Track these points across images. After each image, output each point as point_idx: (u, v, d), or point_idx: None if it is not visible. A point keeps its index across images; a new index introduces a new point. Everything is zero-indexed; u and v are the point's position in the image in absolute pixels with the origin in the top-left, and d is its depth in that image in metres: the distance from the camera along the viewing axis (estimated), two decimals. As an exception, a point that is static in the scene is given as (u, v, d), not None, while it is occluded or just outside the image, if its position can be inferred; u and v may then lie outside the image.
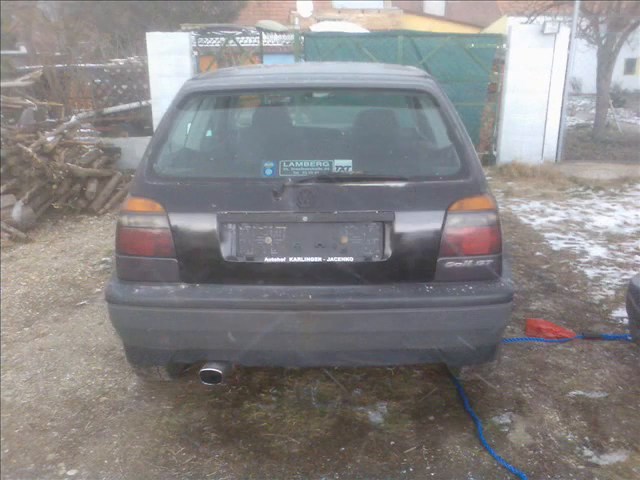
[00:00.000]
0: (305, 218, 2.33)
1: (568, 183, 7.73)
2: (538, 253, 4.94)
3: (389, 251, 2.34)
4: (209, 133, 3.29)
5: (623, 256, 4.83)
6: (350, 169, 2.45)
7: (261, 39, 10.06)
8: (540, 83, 8.30)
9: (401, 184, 2.37)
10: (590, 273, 4.44)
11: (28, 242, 5.43)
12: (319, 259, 2.35)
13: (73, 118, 8.00)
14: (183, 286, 2.39)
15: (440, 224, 2.33)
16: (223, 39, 9.38)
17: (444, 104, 2.55)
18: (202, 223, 2.37)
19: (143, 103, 10.27)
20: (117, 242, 2.45)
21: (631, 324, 2.97)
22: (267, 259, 2.36)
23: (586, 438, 2.52)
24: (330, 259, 2.35)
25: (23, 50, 15.26)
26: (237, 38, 9.54)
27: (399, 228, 2.32)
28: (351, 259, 2.35)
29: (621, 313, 3.68)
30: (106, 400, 2.86)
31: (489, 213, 2.37)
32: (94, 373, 3.11)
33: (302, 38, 8.70)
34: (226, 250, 2.35)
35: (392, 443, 2.51)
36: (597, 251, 4.94)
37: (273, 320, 2.33)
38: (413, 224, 2.35)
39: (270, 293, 2.34)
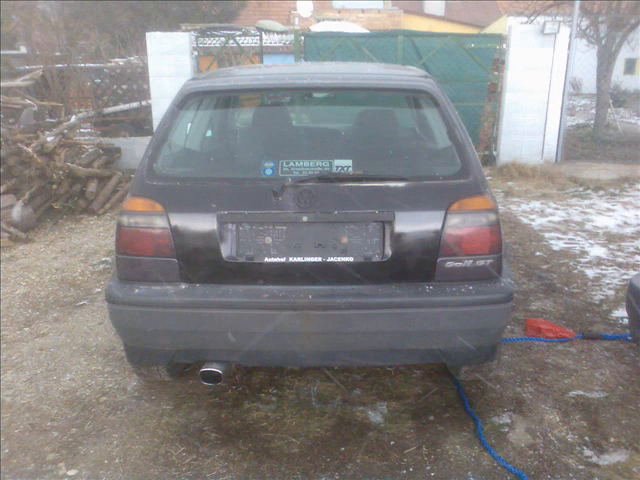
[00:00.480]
0: (305, 218, 2.33)
1: (568, 183, 7.74)
2: (538, 253, 4.94)
3: (389, 251, 2.34)
4: (209, 133, 3.28)
5: (623, 256, 4.83)
6: (350, 169, 2.45)
7: (261, 39, 10.05)
8: (540, 83, 8.30)
9: (401, 184, 2.37)
10: (590, 273, 4.44)
11: (28, 242, 5.43)
12: (319, 259, 2.35)
13: (73, 118, 8.01)
14: (183, 286, 2.39)
15: (440, 224, 2.33)
16: (223, 39, 9.37)
17: (444, 104, 2.55)
18: (202, 223, 2.36)
19: (143, 103, 10.27)
20: (117, 242, 2.45)
21: (631, 324, 2.97)
22: (267, 259, 2.36)
23: (586, 438, 2.53)
24: (330, 259, 2.35)
25: (23, 50, 15.28)
26: (237, 38, 9.53)
27: (399, 228, 2.32)
28: (351, 259, 2.35)
29: (621, 313, 3.69)
30: (106, 400, 2.86)
31: (489, 213, 2.36)
32: (94, 373, 3.11)
33: (302, 38, 8.69)
34: (226, 250, 2.35)
35: (392, 443, 2.51)
36: (597, 251, 4.95)
37: (273, 320, 2.33)
38: (413, 224, 2.34)
39: (270, 293, 2.34)
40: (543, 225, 5.83)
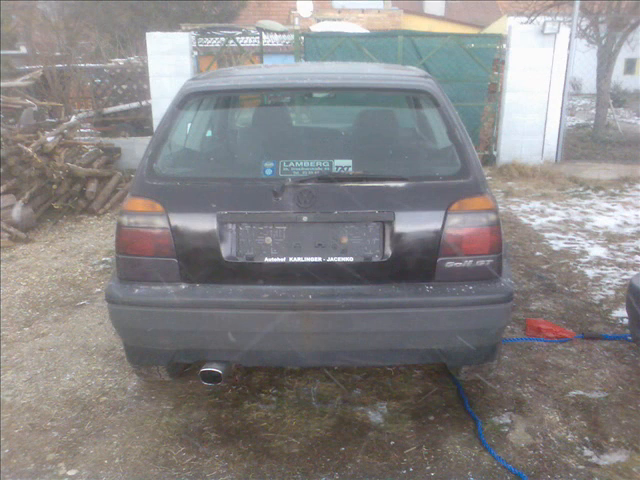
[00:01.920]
0: (305, 218, 2.33)
1: (568, 183, 7.74)
2: (538, 253, 4.94)
3: (389, 251, 2.34)
4: (209, 133, 3.28)
5: (623, 256, 4.83)
6: (350, 169, 2.45)
7: (261, 39, 10.05)
8: (540, 83, 8.30)
9: (401, 184, 2.37)
10: (590, 273, 4.44)
11: (28, 242, 5.43)
12: (319, 259, 2.35)
13: (73, 118, 8.01)
14: (183, 286, 2.39)
15: (440, 224, 2.33)
16: (223, 39, 9.37)
17: (444, 104, 2.55)
18: (202, 223, 2.37)
19: (143, 103, 10.27)
20: (117, 242, 2.45)
21: (631, 324, 2.97)
22: (267, 259, 2.36)
23: (586, 438, 2.53)
24: (330, 259, 2.35)
25: (23, 50, 15.29)
26: (237, 38, 9.53)
27: (399, 228, 2.32)
28: (351, 259, 2.35)
29: (621, 313, 3.69)
30: (106, 400, 2.86)
31: (489, 213, 2.37)
32: (94, 373, 3.11)
33: (302, 38, 8.69)
34: (226, 250, 2.35)
35: (392, 443, 2.51)
36: (597, 251, 4.95)
37: (273, 320, 2.33)
38: (413, 224, 2.34)
39: (270, 293, 2.34)
40: (543, 225, 5.83)
